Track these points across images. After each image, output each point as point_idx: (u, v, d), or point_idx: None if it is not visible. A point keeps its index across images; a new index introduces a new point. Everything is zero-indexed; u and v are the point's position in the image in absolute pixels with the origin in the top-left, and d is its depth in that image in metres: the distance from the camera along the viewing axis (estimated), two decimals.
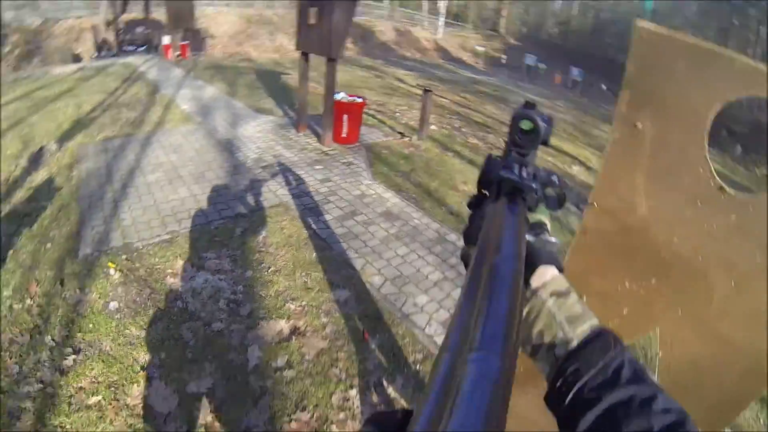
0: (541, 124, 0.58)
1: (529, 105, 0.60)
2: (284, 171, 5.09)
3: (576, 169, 7.67)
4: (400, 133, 7.35)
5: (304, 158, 5.54)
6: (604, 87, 28.05)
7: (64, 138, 5.81)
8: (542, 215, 0.58)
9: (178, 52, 13.58)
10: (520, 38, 33.51)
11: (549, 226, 0.58)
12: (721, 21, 28.89)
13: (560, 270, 0.51)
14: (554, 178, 0.58)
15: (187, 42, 13.96)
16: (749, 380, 0.97)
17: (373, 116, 8.14)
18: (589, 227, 1.12)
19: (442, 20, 29.36)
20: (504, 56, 27.75)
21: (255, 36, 18.05)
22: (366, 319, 3.02)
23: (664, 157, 0.98)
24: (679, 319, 1.05)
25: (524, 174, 0.54)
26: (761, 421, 2.41)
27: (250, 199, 4.46)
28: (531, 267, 0.50)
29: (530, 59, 24.23)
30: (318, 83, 7.34)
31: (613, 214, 1.08)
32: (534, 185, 0.52)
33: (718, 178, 0.92)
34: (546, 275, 0.49)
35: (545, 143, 0.61)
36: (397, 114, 8.79)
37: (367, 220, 4.23)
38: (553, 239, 0.55)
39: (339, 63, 6.00)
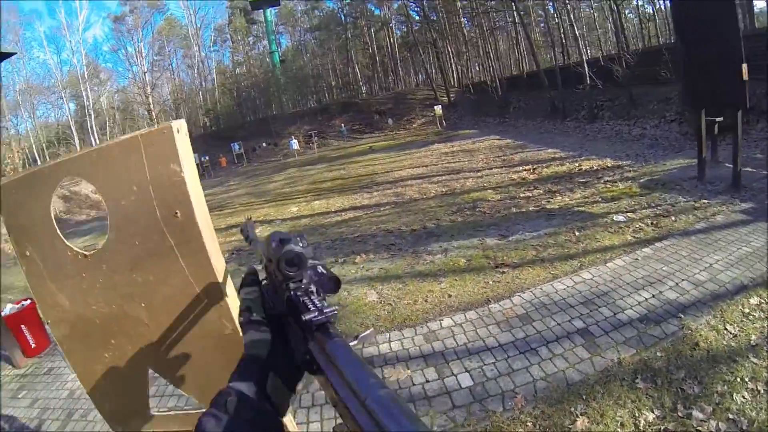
0: (300, 249, 0.71)
1: (284, 240, 0.73)
2: None
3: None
4: None
5: (4, 395, 5.43)
6: (264, 144, 33.74)
7: None
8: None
9: None
10: None
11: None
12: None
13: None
14: (320, 269, 0.72)
15: None
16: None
17: None
18: (60, 338, 1.55)
19: None
20: None
21: None
22: None
23: (52, 260, 1.43)
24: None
25: (317, 303, 0.65)
26: None
27: None
28: None
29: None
30: None
31: (65, 321, 1.50)
32: (335, 308, 0.63)
33: (76, 249, 1.41)
34: None
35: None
36: None
37: (84, 411, 4.44)
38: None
39: None
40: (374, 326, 4.68)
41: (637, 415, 2.94)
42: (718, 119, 7.08)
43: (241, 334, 0.78)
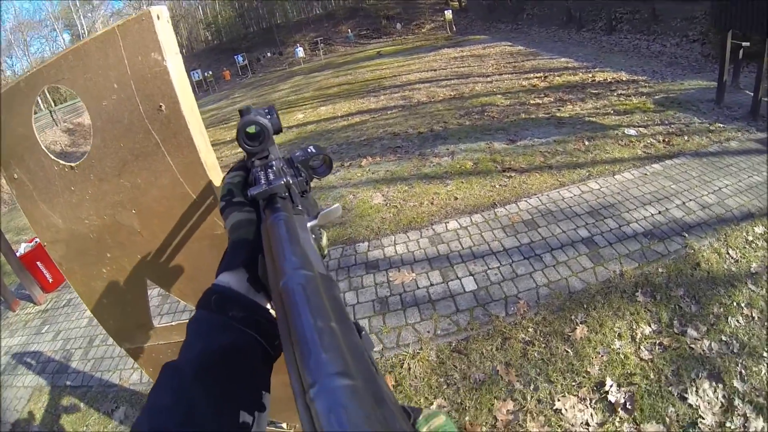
0: (263, 121, 0.66)
1: (244, 111, 0.67)
2: (21, 358, 4.90)
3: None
4: None
5: (29, 332, 5.50)
6: (269, 54, 32.47)
7: None
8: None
9: None
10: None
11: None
12: None
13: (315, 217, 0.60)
14: (310, 149, 0.66)
15: None
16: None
17: None
18: (58, 259, 1.50)
19: None
20: None
21: None
22: None
23: (40, 178, 1.35)
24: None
25: (271, 176, 0.59)
26: None
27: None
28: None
29: (195, 74, 26.11)
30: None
31: (60, 240, 1.45)
32: (284, 180, 0.58)
33: (62, 162, 1.32)
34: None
35: (279, 131, 0.70)
36: None
37: (104, 336, 4.42)
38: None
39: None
40: (380, 229, 4.62)
41: (634, 327, 2.94)
42: (744, 43, 6.56)
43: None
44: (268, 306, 0.57)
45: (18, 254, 6.22)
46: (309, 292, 0.37)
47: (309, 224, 0.55)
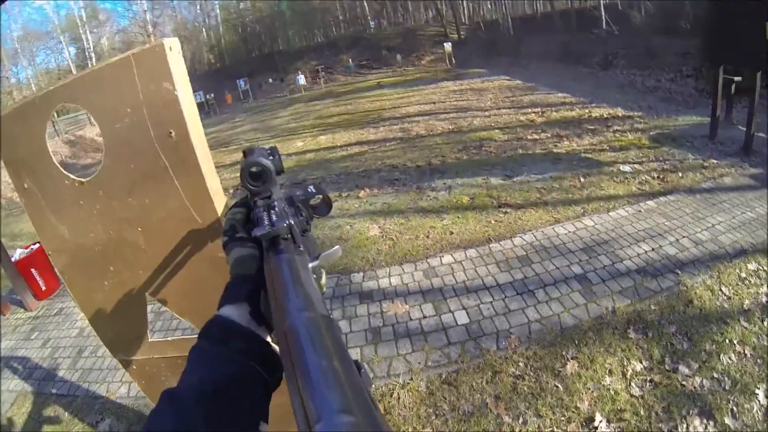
0: (266, 162, 0.67)
1: (247, 152, 0.69)
2: (7, 362, 4.90)
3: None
4: None
5: (18, 337, 5.49)
6: (270, 80, 33.05)
7: None
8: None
9: None
10: None
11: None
12: None
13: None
14: (310, 189, 0.68)
15: None
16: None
17: None
18: (61, 269, 1.54)
19: None
20: None
21: None
22: None
23: (50, 190, 1.41)
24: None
25: (273, 217, 0.60)
26: None
27: None
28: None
29: (197, 96, 26.66)
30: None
31: (65, 251, 1.50)
32: (286, 222, 0.58)
33: (73, 176, 1.38)
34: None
35: (281, 172, 0.71)
36: None
37: (93, 348, 4.48)
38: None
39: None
40: (375, 261, 4.67)
41: (625, 363, 2.95)
42: (736, 78, 6.73)
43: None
44: (269, 338, 0.59)
45: (13, 260, 6.23)
46: (313, 333, 0.39)
47: (310, 265, 0.57)
